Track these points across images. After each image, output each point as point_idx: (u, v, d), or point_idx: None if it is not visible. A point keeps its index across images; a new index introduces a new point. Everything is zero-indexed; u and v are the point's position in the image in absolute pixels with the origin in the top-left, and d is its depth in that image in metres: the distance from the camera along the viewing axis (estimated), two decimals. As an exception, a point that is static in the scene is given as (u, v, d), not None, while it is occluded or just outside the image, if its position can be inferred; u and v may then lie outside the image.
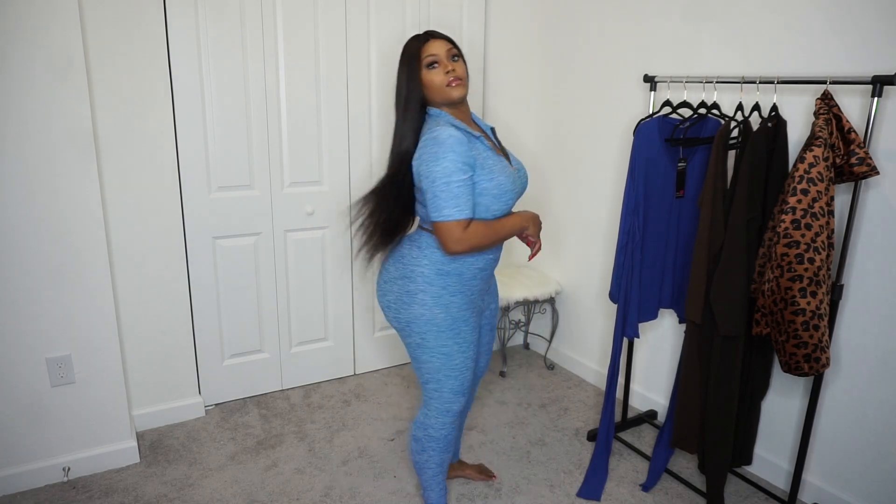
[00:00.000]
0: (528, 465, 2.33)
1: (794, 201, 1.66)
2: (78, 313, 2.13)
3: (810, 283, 1.67)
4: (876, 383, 1.91)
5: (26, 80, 1.91)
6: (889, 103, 1.78)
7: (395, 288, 1.71)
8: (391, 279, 1.73)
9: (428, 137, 1.56)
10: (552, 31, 2.98)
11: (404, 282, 1.69)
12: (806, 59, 1.96)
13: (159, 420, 2.53)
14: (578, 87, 2.87)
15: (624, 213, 2.12)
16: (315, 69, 2.58)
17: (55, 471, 2.18)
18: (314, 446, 2.42)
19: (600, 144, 2.78)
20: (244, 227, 2.59)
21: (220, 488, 2.17)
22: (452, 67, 1.61)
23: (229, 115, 2.45)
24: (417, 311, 1.67)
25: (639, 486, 2.21)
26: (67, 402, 2.17)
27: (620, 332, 2.21)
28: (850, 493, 2.02)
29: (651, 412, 2.68)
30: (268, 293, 2.71)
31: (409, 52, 1.63)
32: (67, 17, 1.93)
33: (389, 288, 1.73)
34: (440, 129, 1.54)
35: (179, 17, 2.28)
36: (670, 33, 2.39)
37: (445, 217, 1.53)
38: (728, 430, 1.98)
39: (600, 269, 2.89)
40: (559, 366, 3.18)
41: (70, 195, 2.04)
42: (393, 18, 2.70)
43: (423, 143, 1.57)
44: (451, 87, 1.60)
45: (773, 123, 1.86)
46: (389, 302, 1.74)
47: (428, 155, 1.53)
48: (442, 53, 1.61)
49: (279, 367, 2.82)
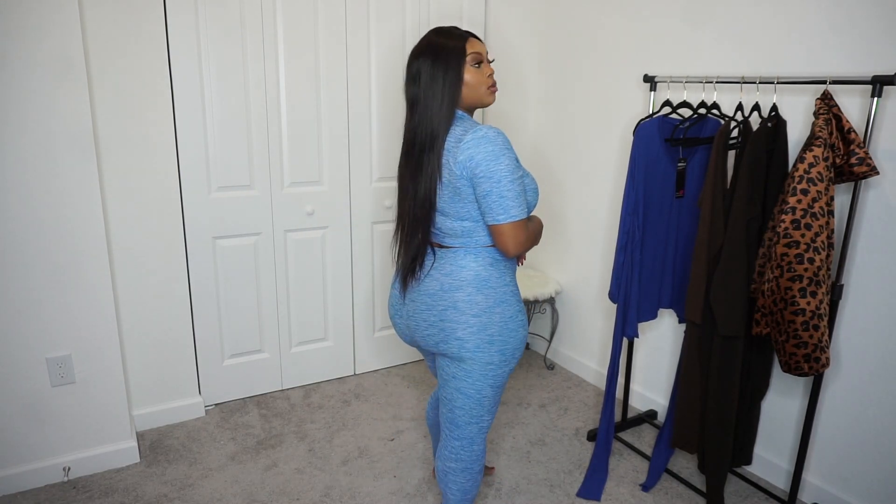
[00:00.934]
0: (528, 465, 2.33)
1: (794, 201, 1.66)
2: (78, 313, 2.13)
3: (810, 283, 1.67)
4: (876, 383, 1.91)
5: (26, 80, 1.91)
6: (889, 103, 1.79)
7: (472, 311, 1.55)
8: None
9: (477, 137, 1.43)
10: (552, 32, 2.98)
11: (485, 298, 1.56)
12: (806, 59, 1.96)
13: (159, 420, 2.53)
14: (578, 87, 2.87)
15: (624, 213, 2.12)
16: (315, 69, 2.58)
17: (55, 470, 2.18)
18: (314, 446, 2.42)
19: (600, 144, 2.78)
20: (244, 227, 2.59)
21: (220, 488, 2.17)
22: (492, 71, 1.55)
23: (229, 115, 2.45)
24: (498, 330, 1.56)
25: (639, 486, 2.21)
26: (67, 402, 2.17)
27: (620, 332, 2.21)
28: (850, 492, 2.02)
29: (651, 412, 2.68)
30: (268, 293, 2.71)
31: (450, 45, 1.49)
32: (67, 17, 1.93)
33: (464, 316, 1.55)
34: (485, 129, 1.44)
35: (179, 17, 2.28)
36: (670, 33, 2.39)
37: (513, 217, 1.44)
38: (728, 430, 1.98)
39: (600, 269, 2.89)
40: (559, 366, 3.19)
41: (70, 195, 2.04)
42: (393, 18, 2.70)
43: (473, 143, 1.43)
44: (490, 91, 1.54)
45: (772, 123, 1.86)
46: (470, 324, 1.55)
47: (486, 154, 1.42)
48: (484, 53, 1.53)
49: (279, 367, 2.82)
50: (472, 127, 1.46)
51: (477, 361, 1.55)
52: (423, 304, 1.58)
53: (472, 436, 1.65)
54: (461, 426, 1.64)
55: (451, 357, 1.58)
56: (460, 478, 1.70)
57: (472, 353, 1.54)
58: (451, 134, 1.48)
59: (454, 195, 1.49)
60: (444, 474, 1.72)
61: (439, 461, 1.74)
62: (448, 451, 1.69)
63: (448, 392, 1.63)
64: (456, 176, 1.46)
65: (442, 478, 1.73)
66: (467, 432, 1.65)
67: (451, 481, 1.71)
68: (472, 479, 1.71)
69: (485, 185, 1.44)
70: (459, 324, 1.53)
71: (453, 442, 1.68)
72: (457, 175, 1.46)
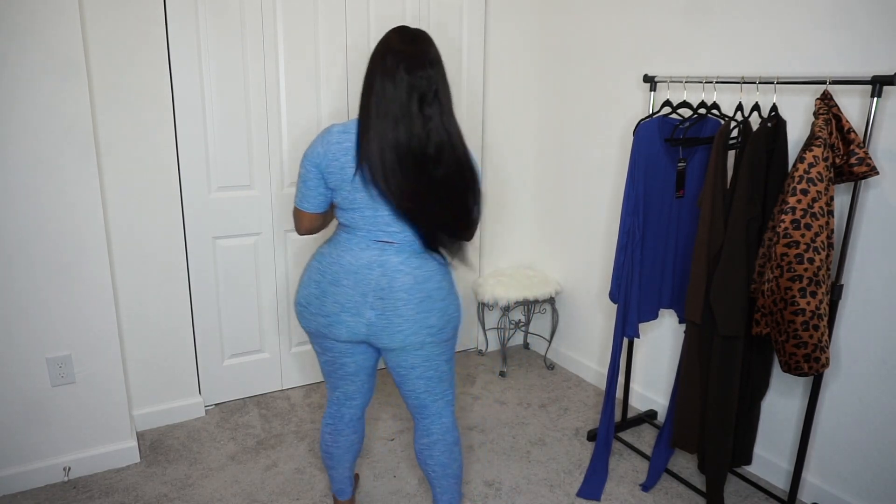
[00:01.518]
0: (528, 465, 2.33)
1: (794, 201, 1.66)
2: (78, 313, 2.13)
3: (810, 283, 1.67)
4: (876, 383, 1.91)
5: (26, 79, 1.91)
6: (889, 103, 1.79)
7: (441, 294, 1.63)
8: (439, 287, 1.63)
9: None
10: (552, 32, 2.98)
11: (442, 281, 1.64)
12: (806, 59, 1.96)
13: (159, 420, 2.53)
14: (578, 87, 2.87)
15: (624, 213, 2.12)
16: (315, 69, 2.58)
17: (55, 470, 2.18)
18: (314, 446, 2.42)
19: (600, 144, 2.78)
20: (244, 227, 2.59)
21: (221, 488, 2.17)
22: None
23: (229, 115, 2.45)
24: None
25: (639, 486, 2.21)
26: (67, 402, 2.17)
27: (620, 332, 2.21)
28: (850, 492, 2.02)
29: (651, 412, 2.68)
30: (268, 293, 2.71)
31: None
32: (67, 17, 1.93)
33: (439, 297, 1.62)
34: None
35: (179, 16, 2.28)
36: (670, 33, 2.39)
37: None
38: (728, 430, 1.98)
39: (600, 269, 2.89)
40: (559, 366, 3.19)
41: (70, 195, 2.04)
42: (393, 18, 2.70)
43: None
44: None
45: (772, 123, 1.86)
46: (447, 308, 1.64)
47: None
48: None
49: (279, 367, 2.82)
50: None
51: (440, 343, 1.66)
52: (399, 300, 1.57)
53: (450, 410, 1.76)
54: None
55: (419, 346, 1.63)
56: (456, 451, 1.75)
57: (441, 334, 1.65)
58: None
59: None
60: (443, 455, 1.73)
61: (430, 451, 1.74)
62: (425, 432, 1.74)
63: (413, 381, 1.68)
64: (478, 175, 1.62)
65: (441, 462, 1.74)
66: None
67: (454, 457, 1.76)
68: (461, 452, 1.79)
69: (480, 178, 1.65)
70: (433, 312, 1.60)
71: (431, 421, 1.73)
72: (478, 174, 1.63)
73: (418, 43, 1.50)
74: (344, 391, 1.76)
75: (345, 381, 1.74)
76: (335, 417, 1.81)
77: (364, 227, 1.56)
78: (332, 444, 1.82)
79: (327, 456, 1.85)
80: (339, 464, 1.86)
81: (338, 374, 1.73)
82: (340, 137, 1.52)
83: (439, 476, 1.76)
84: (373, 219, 1.55)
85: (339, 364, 1.70)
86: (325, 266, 1.60)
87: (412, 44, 1.49)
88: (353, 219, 1.57)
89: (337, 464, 1.86)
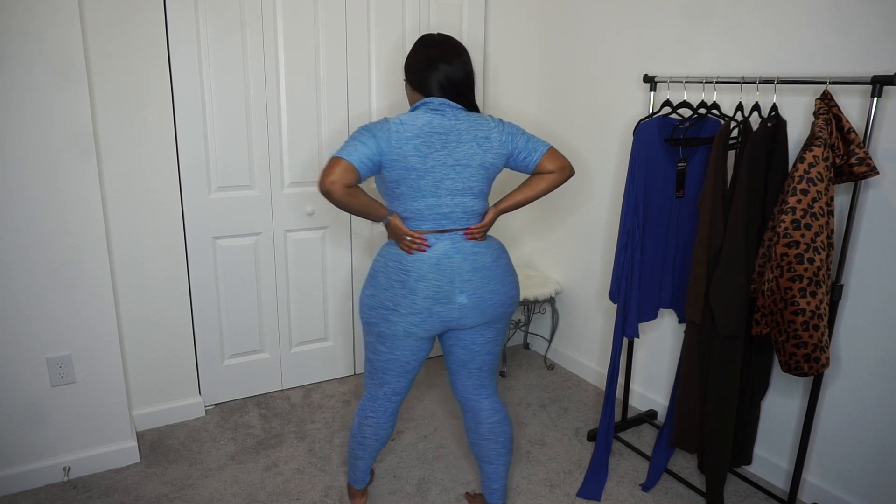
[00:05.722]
0: (528, 465, 2.33)
1: (794, 201, 1.66)
2: (78, 313, 2.13)
3: (810, 283, 1.67)
4: (876, 383, 1.91)
5: (26, 80, 1.91)
6: (889, 103, 1.79)
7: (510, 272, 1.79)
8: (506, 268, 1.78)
9: (489, 117, 1.70)
10: (552, 32, 2.98)
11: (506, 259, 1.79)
12: (806, 59, 1.96)
13: (159, 420, 2.53)
14: (578, 87, 2.87)
15: (624, 213, 2.12)
16: (315, 69, 2.58)
17: (55, 470, 2.18)
18: (314, 446, 2.42)
19: (600, 144, 2.78)
20: (244, 227, 2.59)
21: (220, 488, 2.17)
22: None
23: (229, 114, 2.45)
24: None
25: (639, 486, 2.21)
26: (67, 402, 2.17)
27: (620, 332, 2.21)
28: (850, 493, 2.02)
29: (651, 412, 2.68)
30: (268, 293, 2.71)
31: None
32: (67, 17, 1.93)
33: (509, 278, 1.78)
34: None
35: (179, 17, 2.28)
36: (670, 33, 2.40)
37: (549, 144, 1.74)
38: (728, 430, 1.98)
39: (600, 269, 2.89)
40: (559, 365, 3.19)
41: (70, 195, 2.04)
42: (393, 18, 2.70)
43: (496, 122, 1.68)
44: None
45: (772, 123, 1.86)
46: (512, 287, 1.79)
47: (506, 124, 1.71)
48: None
49: (279, 367, 2.82)
50: (480, 113, 1.74)
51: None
52: (488, 277, 1.70)
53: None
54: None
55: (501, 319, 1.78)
56: (507, 425, 1.88)
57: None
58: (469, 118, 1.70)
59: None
60: (500, 434, 1.85)
61: (501, 426, 1.85)
62: (492, 410, 1.84)
63: (483, 357, 1.80)
64: (497, 150, 1.71)
65: (509, 435, 1.87)
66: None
67: (507, 436, 1.87)
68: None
69: (520, 139, 1.72)
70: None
71: (492, 400, 1.85)
72: (497, 149, 1.71)
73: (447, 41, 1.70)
74: (394, 387, 1.79)
75: (400, 378, 1.77)
76: (378, 412, 1.82)
77: (430, 216, 1.63)
78: (373, 436, 1.85)
79: (361, 447, 1.88)
80: (370, 454, 1.90)
81: (396, 371, 1.76)
82: (399, 128, 1.58)
83: (506, 451, 1.88)
84: (436, 207, 1.62)
85: (404, 361, 1.73)
86: (405, 265, 1.64)
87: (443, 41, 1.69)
88: (417, 209, 1.62)
89: (368, 454, 1.89)
